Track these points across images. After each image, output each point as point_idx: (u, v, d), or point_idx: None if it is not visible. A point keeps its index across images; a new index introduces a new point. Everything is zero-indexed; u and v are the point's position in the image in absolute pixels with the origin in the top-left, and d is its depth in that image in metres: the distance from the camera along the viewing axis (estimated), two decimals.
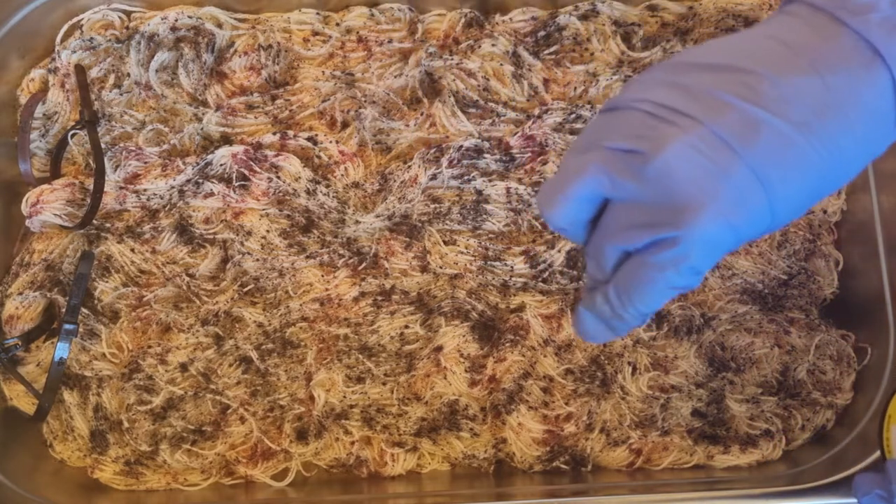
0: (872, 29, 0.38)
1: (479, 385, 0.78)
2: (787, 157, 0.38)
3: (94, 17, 0.85)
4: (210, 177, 0.81)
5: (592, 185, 0.41)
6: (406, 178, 0.80)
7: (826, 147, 0.38)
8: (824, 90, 0.38)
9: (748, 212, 0.39)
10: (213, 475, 0.78)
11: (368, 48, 0.85)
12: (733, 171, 0.38)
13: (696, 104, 0.39)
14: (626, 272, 0.41)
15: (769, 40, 0.40)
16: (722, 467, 0.78)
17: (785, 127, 0.38)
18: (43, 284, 0.80)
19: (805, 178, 0.39)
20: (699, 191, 0.38)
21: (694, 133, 0.38)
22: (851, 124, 0.38)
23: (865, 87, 0.38)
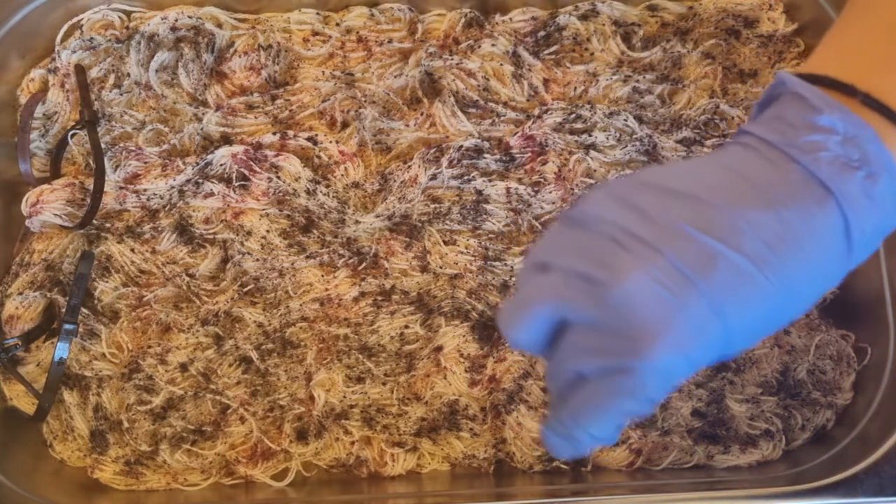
0: (822, 167, 0.39)
1: (479, 385, 0.78)
2: (743, 289, 0.39)
3: (94, 17, 0.85)
4: (210, 177, 0.81)
5: (552, 308, 0.41)
6: (406, 178, 0.80)
7: (781, 280, 0.39)
8: (779, 224, 0.39)
9: (704, 342, 0.39)
10: (213, 475, 0.78)
11: (368, 48, 0.85)
12: (690, 303, 0.38)
13: (656, 232, 0.39)
14: (581, 395, 0.42)
15: (727, 171, 0.41)
16: (722, 467, 0.78)
17: (741, 260, 0.39)
18: (43, 284, 0.80)
19: (760, 309, 0.39)
20: (657, 321, 0.38)
21: (654, 264, 0.39)
22: (806, 258, 0.39)
23: (818, 223, 0.39)
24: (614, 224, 0.40)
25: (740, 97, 0.84)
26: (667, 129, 0.82)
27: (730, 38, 0.85)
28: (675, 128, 0.82)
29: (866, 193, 0.40)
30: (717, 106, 0.82)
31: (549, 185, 0.80)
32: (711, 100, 0.83)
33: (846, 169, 0.40)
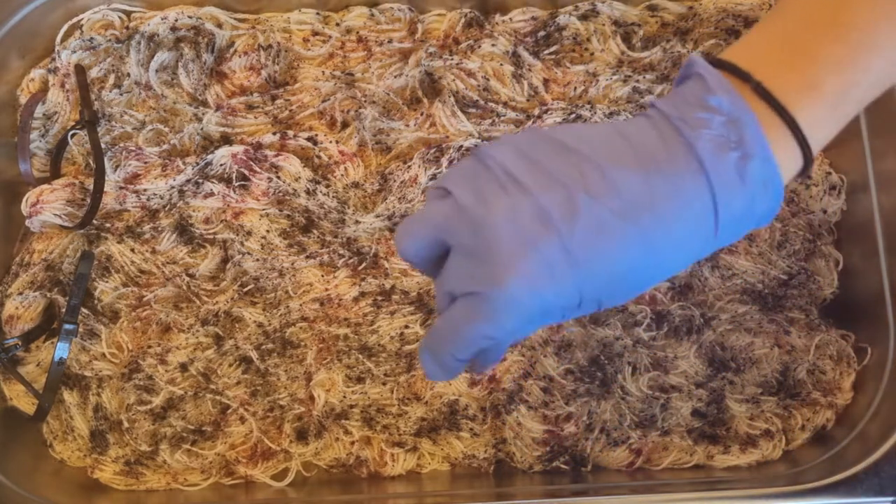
0: (702, 143, 0.42)
1: (479, 385, 0.78)
2: (601, 241, 0.42)
3: (94, 17, 0.85)
4: (210, 177, 0.81)
5: (438, 230, 0.45)
6: (406, 178, 0.80)
7: (641, 239, 0.42)
8: (648, 188, 0.42)
9: (554, 284, 0.42)
10: (213, 475, 0.78)
11: (368, 48, 0.85)
12: (547, 245, 0.42)
13: (534, 178, 0.43)
14: (447, 317, 0.45)
15: (617, 135, 0.44)
16: (722, 467, 0.78)
17: (604, 213, 0.42)
18: (43, 284, 0.80)
19: (617, 264, 0.42)
20: (511, 254, 0.42)
21: (522, 203, 0.42)
22: (670, 223, 0.42)
23: (687, 193, 0.42)
24: (503, 166, 0.44)
25: None
26: None
27: (730, 38, 0.85)
28: None
29: (739, 174, 0.42)
30: None
31: None
32: None
33: (723, 148, 0.42)
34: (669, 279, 0.79)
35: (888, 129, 0.76)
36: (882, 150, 0.77)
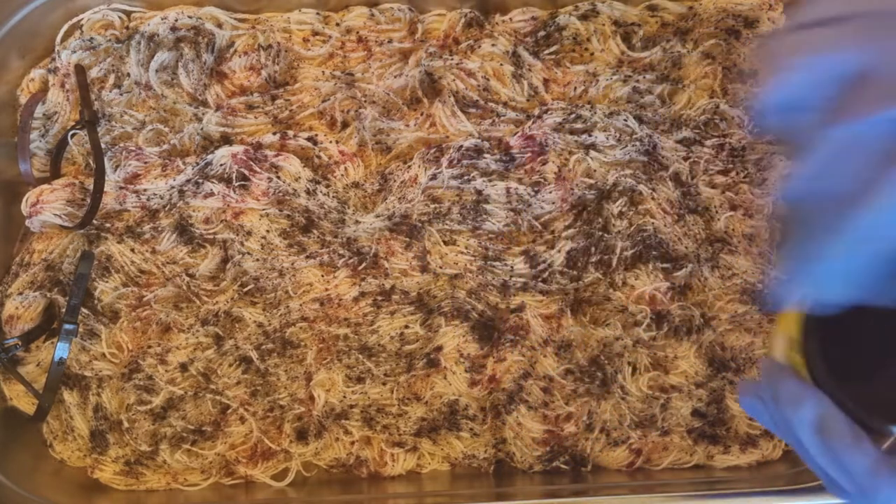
0: None
1: (479, 385, 0.78)
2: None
3: (94, 17, 0.85)
4: (210, 177, 0.81)
5: (845, 59, 0.36)
6: (406, 178, 0.80)
7: None
8: None
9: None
10: (213, 475, 0.78)
11: (368, 48, 0.85)
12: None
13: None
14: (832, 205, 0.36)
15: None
16: (722, 467, 0.78)
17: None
18: (43, 284, 0.80)
19: None
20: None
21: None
22: None
23: None
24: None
25: (740, 97, 0.84)
26: (667, 129, 0.82)
27: (730, 38, 0.85)
28: (675, 128, 0.82)
29: None
30: (717, 106, 0.82)
31: (549, 185, 0.80)
32: (711, 100, 0.83)
33: None
34: (669, 279, 0.79)
35: None
36: None
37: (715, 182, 0.81)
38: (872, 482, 0.42)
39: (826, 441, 0.42)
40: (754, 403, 0.48)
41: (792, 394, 0.44)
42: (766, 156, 0.82)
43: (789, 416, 0.43)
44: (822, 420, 0.43)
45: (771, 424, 0.47)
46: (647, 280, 0.78)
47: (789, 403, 0.44)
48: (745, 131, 0.82)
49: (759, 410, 0.47)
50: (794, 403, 0.43)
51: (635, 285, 0.79)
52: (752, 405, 0.48)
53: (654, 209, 0.80)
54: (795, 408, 0.43)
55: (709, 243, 0.80)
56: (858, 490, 0.42)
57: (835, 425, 0.42)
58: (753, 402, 0.48)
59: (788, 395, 0.44)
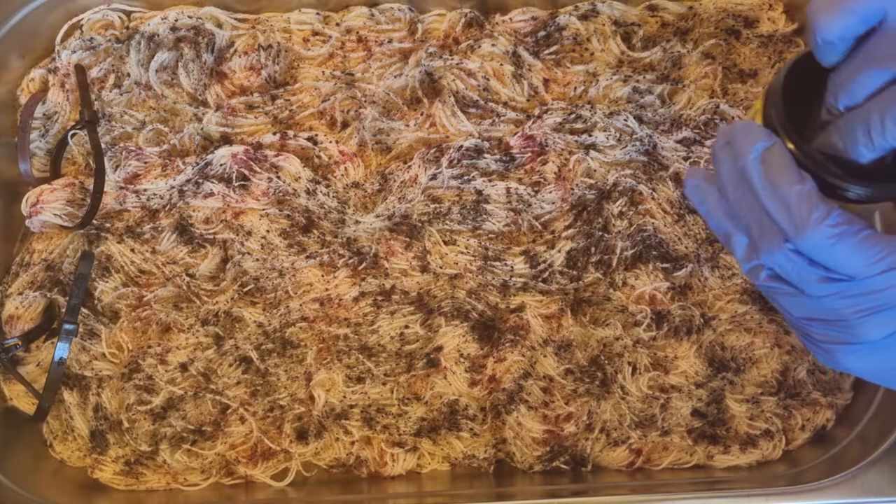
0: None
1: (479, 385, 0.78)
2: None
3: (94, 17, 0.85)
4: (210, 177, 0.81)
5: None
6: (406, 178, 0.80)
7: None
8: None
9: None
10: (213, 475, 0.78)
11: (368, 48, 0.85)
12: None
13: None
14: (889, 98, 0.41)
15: None
16: (722, 467, 0.78)
17: None
18: (43, 284, 0.80)
19: None
20: None
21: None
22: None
23: None
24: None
25: (740, 97, 0.84)
26: (667, 129, 0.82)
27: (730, 38, 0.85)
28: (675, 128, 0.82)
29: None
30: (717, 106, 0.82)
31: (549, 185, 0.80)
32: (711, 100, 0.83)
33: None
34: (669, 279, 0.79)
35: None
36: None
37: None
38: (808, 212, 0.44)
39: (769, 169, 0.45)
40: (699, 182, 0.50)
41: (749, 131, 0.46)
42: None
43: (743, 148, 0.46)
44: (770, 151, 0.45)
45: (713, 197, 0.48)
46: (647, 280, 0.78)
47: (745, 137, 0.46)
48: None
49: (704, 189, 0.49)
50: (750, 138, 0.46)
51: (635, 285, 0.79)
52: (698, 184, 0.50)
53: (654, 209, 0.80)
54: (751, 141, 0.45)
55: (709, 243, 0.80)
56: (792, 223, 0.44)
57: (781, 158, 0.45)
58: (699, 181, 0.50)
59: (745, 131, 0.46)
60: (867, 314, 0.45)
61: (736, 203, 0.47)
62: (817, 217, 0.43)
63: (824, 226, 0.43)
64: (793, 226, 0.44)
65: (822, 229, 0.43)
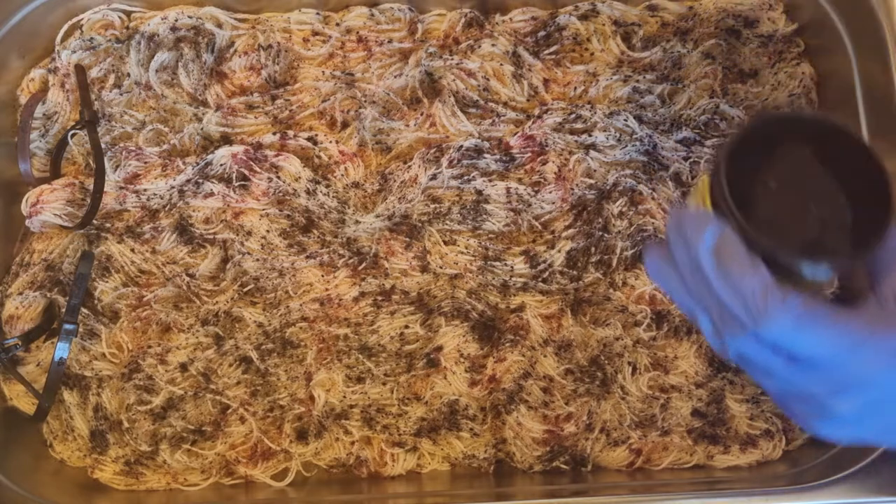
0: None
1: (479, 385, 0.78)
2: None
3: (94, 17, 0.85)
4: (210, 177, 0.81)
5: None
6: (406, 178, 0.80)
7: None
8: None
9: None
10: (213, 475, 0.78)
11: (368, 48, 0.85)
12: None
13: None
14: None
15: None
16: (722, 467, 0.78)
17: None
18: (43, 284, 0.80)
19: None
20: None
21: None
22: None
23: None
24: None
25: (740, 97, 0.84)
26: (667, 129, 0.82)
27: (730, 38, 0.85)
28: (675, 128, 0.82)
29: None
30: (718, 106, 0.82)
31: (549, 185, 0.80)
32: (711, 100, 0.83)
33: None
34: None
35: (888, 129, 0.76)
36: (882, 150, 0.76)
37: None
38: (763, 304, 0.43)
39: (721, 260, 0.44)
40: (657, 262, 0.49)
41: (697, 219, 0.46)
42: None
43: (693, 239, 0.45)
44: (721, 241, 0.45)
45: (673, 279, 0.48)
46: (647, 280, 0.78)
47: (694, 228, 0.45)
48: None
49: (666, 271, 0.49)
50: (699, 227, 0.45)
51: (635, 285, 0.79)
52: (659, 266, 0.49)
53: (654, 209, 0.80)
54: (700, 230, 0.45)
55: None
56: (749, 315, 0.44)
57: (732, 247, 0.44)
58: (655, 260, 0.49)
59: (693, 221, 0.46)
60: (837, 391, 0.45)
61: (695, 288, 0.47)
62: (774, 307, 0.43)
63: (782, 315, 0.43)
64: (750, 317, 0.44)
65: (779, 319, 0.43)
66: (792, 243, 0.46)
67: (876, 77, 0.76)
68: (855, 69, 0.79)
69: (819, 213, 0.47)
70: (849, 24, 0.80)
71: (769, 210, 0.47)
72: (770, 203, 0.47)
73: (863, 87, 0.78)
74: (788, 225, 0.47)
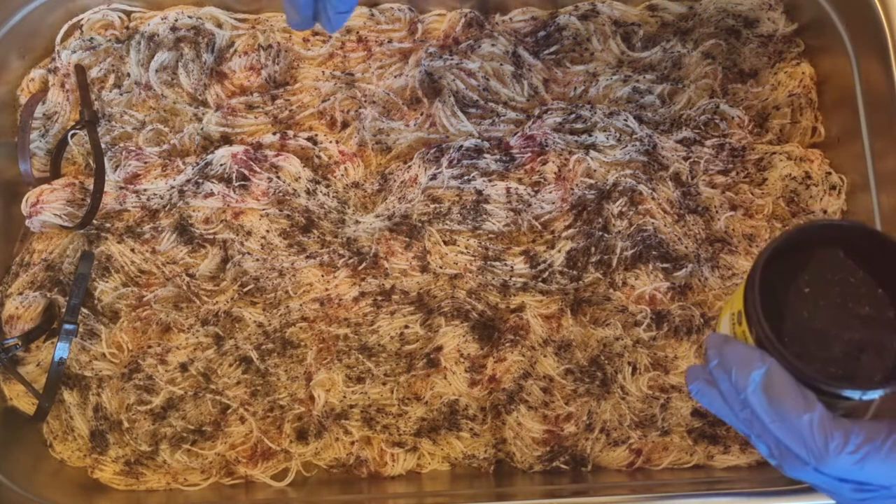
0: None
1: (479, 385, 0.78)
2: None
3: (94, 17, 0.85)
4: (210, 177, 0.81)
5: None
6: (406, 178, 0.80)
7: None
8: None
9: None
10: (213, 475, 0.78)
11: (368, 48, 0.85)
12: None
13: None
14: None
15: None
16: (722, 467, 0.78)
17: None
18: (43, 284, 0.80)
19: None
20: None
21: None
22: None
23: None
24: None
25: (740, 97, 0.84)
26: (667, 129, 0.82)
27: (730, 38, 0.85)
28: (675, 128, 0.82)
29: None
30: (718, 106, 0.82)
31: (549, 185, 0.80)
32: (711, 100, 0.83)
33: None
34: (669, 279, 0.79)
35: (888, 129, 0.76)
36: (882, 150, 0.77)
37: (715, 182, 0.81)
38: (823, 443, 0.42)
39: (772, 399, 0.43)
40: (702, 387, 0.48)
41: (740, 356, 0.45)
42: (766, 156, 0.82)
43: (740, 380, 0.44)
44: (768, 378, 0.43)
45: (722, 406, 0.47)
46: (647, 280, 0.78)
47: (739, 366, 0.44)
48: (745, 131, 0.82)
49: (709, 394, 0.48)
50: (744, 365, 0.44)
51: (635, 285, 0.79)
52: (701, 389, 0.49)
53: (654, 209, 0.80)
54: (746, 369, 0.44)
55: (709, 243, 0.80)
56: (809, 452, 0.43)
57: (781, 383, 0.43)
58: (701, 385, 0.48)
59: (737, 358, 0.45)
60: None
61: (746, 420, 0.46)
62: (835, 446, 0.42)
63: (845, 454, 0.42)
64: (812, 456, 0.43)
65: (843, 457, 0.42)
66: (837, 369, 0.44)
67: (876, 77, 0.76)
68: (855, 69, 0.79)
69: (859, 314, 0.47)
70: (849, 24, 0.80)
71: (806, 320, 0.46)
72: (806, 311, 0.47)
73: (863, 87, 0.78)
74: (830, 336, 0.46)
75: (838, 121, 0.82)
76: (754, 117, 0.83)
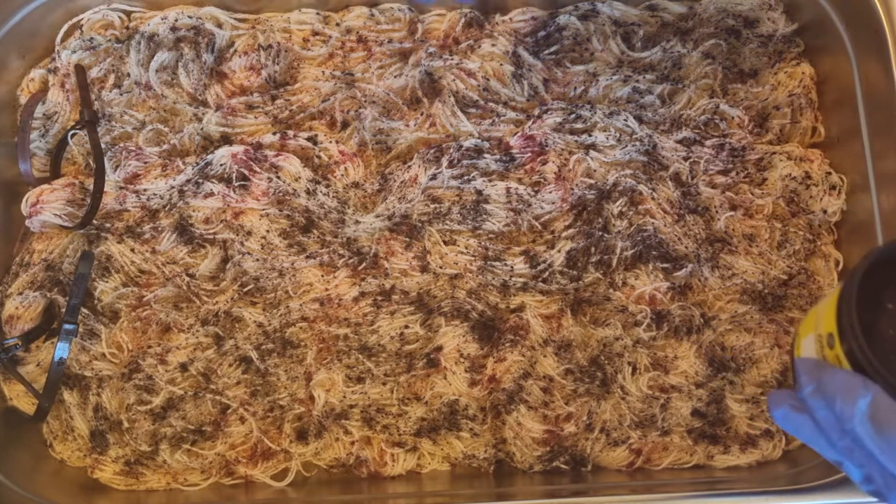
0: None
1: (479, 385, 0.78)
2: None
3: (94, 17, 0.85)
4: (210, 177, 0.81)
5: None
6: (406, 178, 0.80)
7: None
8: None
9: None
10: (212, 475, 0.78)
11: (368, 48, 0.85)
12: None
13: None
14: None
15: None
16: (722, 467, 0.78)
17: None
18: (43, 284, 0.80)
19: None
20: None
21: None
22: None
23: None
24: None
25: (740, 97, 0.84)
26: (667, 129, 0.82)
27: (730, 38, 0.85)
28: (675, 128, 0.82)
29: None
30: (717, 106, 0.82)
31: (549, 185, 0.80)
32: (711, 100, 0.83)
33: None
34: (669, 279, 0.79)
35: (888, 129, 0.76)
36: (882, 150, 0.77)
37: (715, 182, 0.81)
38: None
39: (880, 429, 0.42)
40: (789, 413, 0.47)
41: (842, 384, 0.43)
42: (766, 156, 0.82)
43: (845, 410, 0.42)
44: (875, 406, 0.42)
45: (814, 433, 0.46)
46: (647, 280, 0.78)
47: (843, 395, 0.43)
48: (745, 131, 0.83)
49: (796, 421, 0.46)
50: (848, 393, 0.42)
51: (635, 285, 0.79)
52: (787, 415, 0.47)
53: (654, 209, 0.80)
54: (851, 398, 0.42)
55: (709, 243, 0.80)
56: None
57: (887, 412, 0.42)
58: (787, 412, 0.47)
59: (839, 386, 0.43)
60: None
61: (845, 447, 0.45)
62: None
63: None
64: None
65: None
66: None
67: (876, 77, 0.76)
68: (855, 69, 0.79)
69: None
70: (849, 24, 0.80)
71: (893, 338, 0.45)
72: (892, 329, 0.46)
73: (863, 87, 0.78)
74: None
75: (838, 121, 0.82)
76: (754, 117, 0.83)
